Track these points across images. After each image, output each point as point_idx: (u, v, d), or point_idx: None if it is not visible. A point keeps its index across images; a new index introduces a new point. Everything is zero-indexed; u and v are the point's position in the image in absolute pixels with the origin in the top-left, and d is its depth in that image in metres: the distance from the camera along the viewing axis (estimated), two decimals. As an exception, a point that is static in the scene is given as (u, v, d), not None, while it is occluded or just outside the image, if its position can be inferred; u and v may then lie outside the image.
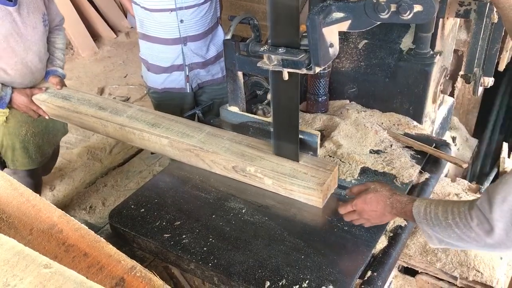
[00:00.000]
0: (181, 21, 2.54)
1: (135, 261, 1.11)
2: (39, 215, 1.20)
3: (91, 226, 3.00)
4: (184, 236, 1.63)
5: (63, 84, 2.48)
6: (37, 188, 2.82)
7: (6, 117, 2.41)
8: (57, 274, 0.95)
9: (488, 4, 1.86)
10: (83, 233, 1.17)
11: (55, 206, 1.23)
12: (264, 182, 1.82)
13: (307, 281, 1.44)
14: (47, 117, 2.42)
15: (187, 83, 2.74)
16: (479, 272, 1.61)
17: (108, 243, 1.16)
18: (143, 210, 1.77)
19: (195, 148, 1.93)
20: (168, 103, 2.81)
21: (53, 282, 0.94)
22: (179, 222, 1.70)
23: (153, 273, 1.10)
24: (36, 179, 2.83)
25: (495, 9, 1.71)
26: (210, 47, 2.73)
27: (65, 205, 3.35)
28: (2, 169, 2.54)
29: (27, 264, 0.96)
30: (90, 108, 2.26)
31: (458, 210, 1.23)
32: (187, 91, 2.76)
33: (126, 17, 6.45)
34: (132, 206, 1.79)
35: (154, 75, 2.74)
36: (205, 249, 1.58)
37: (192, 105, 2.90)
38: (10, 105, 2.34)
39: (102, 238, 1.16)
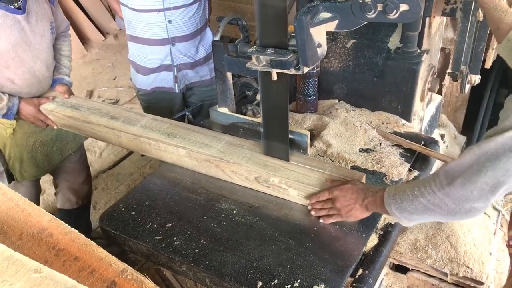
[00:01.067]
0: (169, 21, 2.54)
1: (126, 264, 1.11)
2: (28, 219, 1.19)
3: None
4: (175, 238, 1.63)
5: (70, 93, 2.43)
6: (38, 197, 2.76)
7: (13, 129, 2.34)
8: (48, 279, 0.95)
9: (474, 2, 1.88)
10: (73, 237, 1.17)
11: (44, 210, 1.22)
12: (289, 193, 1.76)
13: (298, 281, 1.44)
14: (55, 127, 2.37)
15: (175, 84, 2.74)
16: (469, 268, 1.63)
17: (99, 246, 1.15)
18: (134, 212, 1.76)
19: (215, 158, 1.87)
20: (157, 104, 2.81)
21: (43, 287, 0.93)
22: (170, 224, 1.69)
23: (145, 276, 1.10)
24: (39, 188, 2.76)
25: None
26: (199, 48, 2.73)
27: (56, 209, 3.32)
28: (10, 182, 2.47)
29: (17, 269, 0.95)
30: (101, 117, 2.18)
31: (423, 181, 1.35)
32: (176, 92, 2.76)
33: (114, 19, 6.43)
34: (123, 209, 1.78)
35: (143, 77, 2.74)
36: (196, 250, 1.58)
37: (181, 107, 2.90)
38: (17, 115, 2.29)
39: (92, 241, 1.16)
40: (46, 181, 3.59)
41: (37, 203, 2.71)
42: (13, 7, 2.09)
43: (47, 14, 2.29)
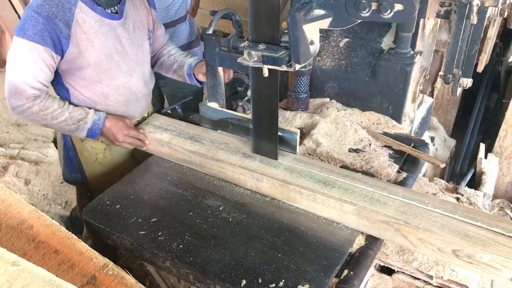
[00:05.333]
0: None
1: (107, 259, 1.09)
2: (8, 210, 1.17)
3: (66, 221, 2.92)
4: (160, 233, 1.61)
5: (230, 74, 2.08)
6: None
7: (103, 154, 2.10)
8: (25, 272, 0.93)
9: (468, 5, 1.87)
10: (54, 230, 1.15)
11: (25, 201, 1.20)
12: (502, 274, 1.41)
13: (283, 280, 1.43)
14: (144, 148, 2.04)
15: None
16: (454, 271, 1.63)
17: (80, 240, 1.13)
18: (118, 206, 1.73)
19: (396, 221, 1.53)
20: None
21: (20, 280, 0.91)
22: (155, 219, 1.67)
23: (126, 272, 1.08)
24: None
25: (474, 11, 1.72)
26: (173, 40, 2.71)
27: (40, 200, 3.28)
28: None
29: (-7, 261, 0.93)
30: (233, 155, 1.86)
31: None
32: None
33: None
34: (108, 202, 1.76)
35: None
36: (181, 246, 1.56)
37: (153, 93, 2.92)
38: (103, 136, 1.99)
39: (73, 235, 1.14)
40: (31, 171, 3.55)
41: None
42: (109, 11, 1.87)
43: (146, 21, 2.06)
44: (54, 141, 2.28)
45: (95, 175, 2.14)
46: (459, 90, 1.99)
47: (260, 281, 1.43)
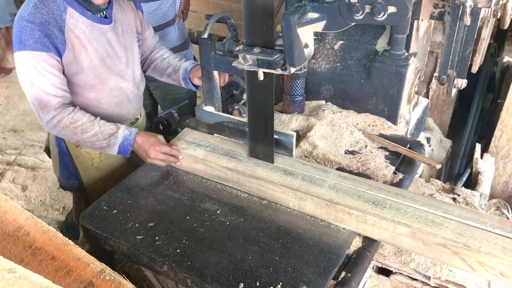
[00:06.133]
0: None
1: (104, 265, 1.09)
2: (5, 217, 1.16)
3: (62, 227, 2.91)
4: (157, 237, 1.61)
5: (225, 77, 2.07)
6: None
7: (99, 158, 2.10)
8: (22, 279, 0.92)
9: (461, 7, 1.88)
10: (50, 236, 1.15)
11: (22, 208, 1.20)
12: None
13: (281, 283, 1.43)
14: (178, 164, 1.95)
15: None
16: (451, 271, 1.63)
17: (77, 246, 1.13)
18: (115, 211, 1.73)
19: (455, 244, 1.45)
20: None
21: (17, 287, 0.91)
22: (152, 224, 1.67)
23: (123, 277, 1.08)
24: None
25: (468, 12, 1.73)
26: (169, 41, 2.72)
27: (38, 206, 3.28)
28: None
29: (-10, 269, 0.93)
30: (272, 172, 1.79)
31: None
32: None
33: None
34: (105, 207, 1.76)
35: None
36: (178, 251, 1.55)
37: (146, 97, 2.93)
38: (134, 152, 1.93)
39: (70, 241, 1.14)
40: (28, 177, 3.54)
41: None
42: (99, 16, 1.88)
43: (134, 24, 2.06)
44: (47, 150, 2.27)
45: (91, 180, 2.14)
46: (454, 90, 2.00)
47: (258, 284, 1.43)
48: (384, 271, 1.78)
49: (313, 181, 1.73)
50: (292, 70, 1.50)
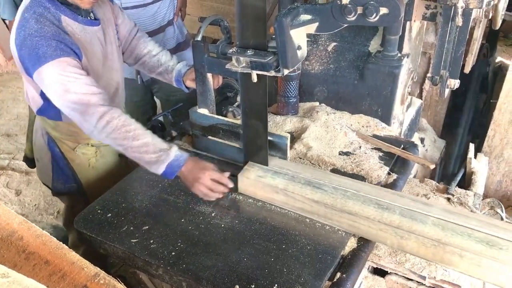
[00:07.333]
0: None
1: (98, 268, 1.08)
2: (-2, 222, 1.16)
3: (59, 231, 2.91)
4: (152, 241, 1.61)
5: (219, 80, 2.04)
6: None
7: (96, 158, 2.07)
8: (15, 284, 0.92)
9: (453, 7, 1.89)
10: (44, 240, 1.14)
11: (15, 212, 1.19)
12: None
13: (276, 284, 1.43)
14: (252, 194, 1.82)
15: (138, 76, 2.73)
16: (446, 271, 1.64)
17: (71, 249, 1.13)
18: (110, 214, 1.73)
19: None
20: None
21: (10, 292, 0.90)
22: (147, 227, 1.67)
23: (118, 280, 1.08)
24: None
25: (460, 13, 1.74)
26: (163, 44, 2.72)
27: (32, 210, 3.26)
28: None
29: (-17, 274, 0.92)
30: (366, 205, 1.61)
31: None
32: (138, 83, 2.77)
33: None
34: (99, 211, 1.75)
35: None
36: (173, 253, 1.55)
37: (146, 98, 2.98)
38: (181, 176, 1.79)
39: (64, 245, 1.13)
40: (22, 181, 3.52)
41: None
42: (89, 19, 1.87)
43: (112, 18, 2.04)
44: (25, 159, 2.23)
45: (90, 180, 2.12)
46: (447, 91, 2.01)
47: (253, 286, 1.43)
48: (380, 272, 1.79)
49: (413, 216, 1.55)
50: (286, 72, 1.50)
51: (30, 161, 2.25)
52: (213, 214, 1.72)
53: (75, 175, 2.11)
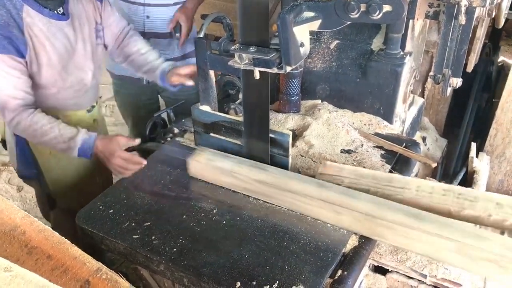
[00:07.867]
0: (147, 17, 2.55)
1: (100, 263, 1.09)
2: (0, 216, 1.16)
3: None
4: (153, 237, 1.61)
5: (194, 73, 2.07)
6: None
7: None
8: (18, 278, 0.92)
9: (456, 6, 1.89)
10: (47, 235, 1.14)
11: (17, 207, 1.19)
12: None
13: (277, 281, 1.43)
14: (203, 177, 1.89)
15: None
16: (447, 269, 1.64)
17: (73, 244, 1.13)
18: (111, 210, 1.73)
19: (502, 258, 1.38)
20: (126, 91, 2.89)
21: (13, 286, 0.90)
22: (148, 223, 1.67)
23: (120, 275, 1.08)
24: None
25: (463, 11, 1.74)
26: (175, 47, 2.72)
27: (33, 206, 3.27)
28: (51, 209, 2.30)
29: (-14, 268, 0.93)
30: (307, 184, 1.69)
31: None
32: (144, 83, 2.77)
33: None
34: (101, 207, 1.75)
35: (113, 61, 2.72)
36: (175, 250, 1.55)
37: (152, 99, 2.96)
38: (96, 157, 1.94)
39: (67, 240, 1.14)
40: (24, 177, 3.52)
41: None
42: (56, 13, 1.89)
43: (93, 16, 2.06)
44: (2, 142, 2.29)
45: (50, 168, 2.16)
46: (449, 90, 2.01)
47: (254, 283, 1.43)
48: (381, 270, 1.79)
49: (349, 193, 1.63)
50: (288, 69, 1.50)
51: (3, 143, 2.31)
52: (214, 211, 1.72)
53: (36, 161, 2.14)
